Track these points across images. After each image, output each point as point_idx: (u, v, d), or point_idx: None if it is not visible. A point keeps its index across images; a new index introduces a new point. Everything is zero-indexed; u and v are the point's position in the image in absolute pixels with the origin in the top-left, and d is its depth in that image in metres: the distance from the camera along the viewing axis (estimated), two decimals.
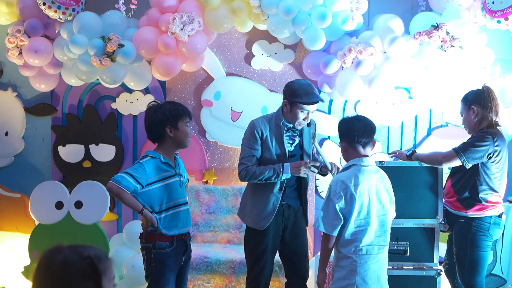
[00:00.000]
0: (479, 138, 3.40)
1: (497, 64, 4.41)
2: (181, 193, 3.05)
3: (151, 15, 4.30)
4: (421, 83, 4.35)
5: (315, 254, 4.48)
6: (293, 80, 3.36)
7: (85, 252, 1.60)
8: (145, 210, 2.91)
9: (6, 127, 4.80)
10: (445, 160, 3.46)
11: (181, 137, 3.01)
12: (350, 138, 2.91)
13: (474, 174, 3.42)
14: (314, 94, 3.21)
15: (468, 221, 3.44)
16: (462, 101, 3.54)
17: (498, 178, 3.46)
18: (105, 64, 4.14)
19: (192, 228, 4.37)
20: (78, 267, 1.57)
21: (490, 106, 3.44)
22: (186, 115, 3.03)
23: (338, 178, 2.87)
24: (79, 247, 1.62)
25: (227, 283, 4.00)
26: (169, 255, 2.97)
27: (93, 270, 1.58)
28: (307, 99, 3.18)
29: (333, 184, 2.85)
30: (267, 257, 3.32)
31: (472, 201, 3.43)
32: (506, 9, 3.84)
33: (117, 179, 2.85)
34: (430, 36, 4.04)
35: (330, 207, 2.83)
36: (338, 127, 3.00)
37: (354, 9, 4.10)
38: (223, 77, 4.69)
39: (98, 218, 4.38)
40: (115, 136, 4.74)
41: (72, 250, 1.60)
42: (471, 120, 3.48)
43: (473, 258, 3.42)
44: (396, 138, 4.66)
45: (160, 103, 3.07)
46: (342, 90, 4.30)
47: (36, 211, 4.43)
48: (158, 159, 2.97)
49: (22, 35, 4.31)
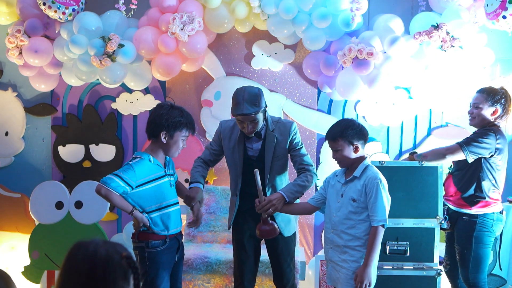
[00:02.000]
0: (483, 134, 3.43)
1: (497, 64, 4.42)
2: (171, 193, 3.04)
3: (151, 15, 4.30)
4: (421, 83, 4.35)
5: (315, 254, 4.48)
6: (241, 87, 3.16)
7: (122, 251, 1.58)
8: (135, 211, 2.91)
9: (6, 127, 4.80)
10: (448, 153, 3.48)
11: (171, 147, 3.00)
12: (365, 138, 2.96)
13: (478, 170, 3.45)
14: (239, 106, 3.02)
15: (472, 218, 3.47)
16: (486, 95, 3.50)
17: (499, 174, 3.50)
18: (105, 64, 4.14)
19: (192, 228, 4.37)
20: (121, 266, 1.55)
21: (508, 109, 3.51)
22: (188, 129, 3.00)
23: (378, 174, 2.90)
24: (115, 245, 1.59)
25: (227, 283, 4.00)
26: (162, 253, 2.97)
27: (134, 271, 1.57)
28: (233, 110, 3.07)
29: (380, 178, 2.87)
30: (245, 255, 3.32)
31: (476, 198, 3.46)
32: (495, 10, 3.87)
33: (105, 181, 2.85)
34: (430, 36, 4.05)
35: (387, 200, 2.87)
36: (352, 128, 2.92)
37: (354, 9, 4.10)
38: (223, 77, 4.69)
39: (98, 218, 4.39)
40: (115, 136, 4.74)
41: (111, 247, 1.57)
42: (488, 117, 3.48)
43: (477, 255, 3.45)
44: (396, 138, 4.66)
45: (171, 106, 3.02)
46: (342, 90, 4.30)
47: (36, 211, 4.43)
48: (147, 160, 2.97)
49: (22, 35, 4.31)
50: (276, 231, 3.08)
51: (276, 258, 3.32)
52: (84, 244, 1.56)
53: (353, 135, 2.91)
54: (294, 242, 3.37)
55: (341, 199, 2.95)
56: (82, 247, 1.56)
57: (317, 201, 3.14)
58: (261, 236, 3.12)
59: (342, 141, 2.91)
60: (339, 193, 2.97)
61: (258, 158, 3.21)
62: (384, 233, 2.87)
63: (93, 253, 1.54)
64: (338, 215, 2.94)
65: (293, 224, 3.34)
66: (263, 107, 3.08)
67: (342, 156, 2.94)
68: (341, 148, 2.93)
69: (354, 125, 2.94)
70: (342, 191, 2.96)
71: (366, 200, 2.87)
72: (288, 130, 3.21)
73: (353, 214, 2.89)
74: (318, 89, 4.62)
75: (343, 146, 2.92)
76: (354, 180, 2.93)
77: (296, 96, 4.64)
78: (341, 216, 2.93)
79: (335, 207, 2.97)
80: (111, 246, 1.57)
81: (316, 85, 4.59)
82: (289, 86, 4.67)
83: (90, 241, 1.57)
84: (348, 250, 2.90)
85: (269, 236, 3.10)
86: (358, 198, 2.89)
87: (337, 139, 2.92)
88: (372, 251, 2.82)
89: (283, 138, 3.20)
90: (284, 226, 3.26)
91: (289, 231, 3.30)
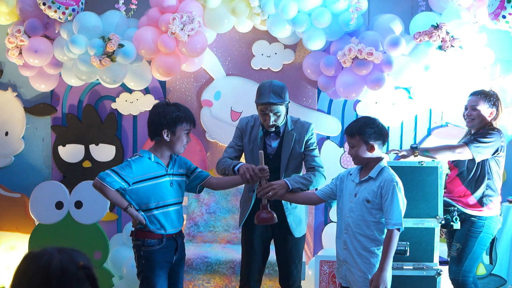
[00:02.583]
0: (488, 133, 3.50)
1: (497, 64, 4.42)
2: (171, 193, 3.01)
3: (151, 15, 4.30)
4: (421, 83, 4.36)
5: (315, 254, 4.48)
6: (267, 80, 3.29)
7: (79, 260, 1.47)
8: (130, 208, 2.91)
9: (6, 127, 4.80)
10: (458, 151, 3.51)
11: (175, 143, 2.98)
12: (384, 139, 2.92)
13: (486, 170, 3.53)
14: (264, 94, 3.10)
15: (480, 220, 3.54)
16: (483, 97, 3.58)
17: (500, 174, 3.60)
18: (105, 64, 4.14)
19: (192, 228, 4.37)
20: (77, 278, 1.44)
21: (500, 111, 3.61)
22: (188, 122, 2.99)
23: (395, 176, 2.87)
24: (70, 253, 1.48)
25: (227, 283, 4.00)
26: (158, 252, 2.96)
27: (91, 282, 1.46)
28: (258, 99, 3.15)
29: (397, 181, 2.83)
30: (253, 254, 3.31)
31: (486, 200, 3.54)
32: (495, 10, 3.87)
33: (101, 175, 2.87)
34: (430, 36, 4.05)
35: (402, 204, 2.83)
36: (370, 127, 2.88)
37: (354, 9, 4.10)
38: (223, 77, 4.69)
39: (98, 218, 4.39)
40: (115, 136, 4.74)
41: (66, 257, 1.45)
42: (486, 118, 3.57)
43: (475, 254, 3.54)
44: (396, 138, 4.66)
45: (166, 103, 3.02)
46: (342, 90, 4.30)
47: (36, 211, 4.44)
48: (148, 158, 2.97)
49: (22, 35, 4.31)
50: (274, 220, 3.04)
51: (284, 258, 3.31)
52: (36, 255, 1.45)
53: (370, 134, 2.86)
54: (303, 244, 3.37)
55: (354, 199, 2.91)
56: (34, 258, 1.45)
57: (325, 194, 3.09)
58: (258, 223, 3.07)
59: (359, 138, 2.88)
60: (353, 192, 2.92)
61: (274, 156, 3.24)
62: None
63: (46, 265, 1.42)
64: (352, 215, 2.89)
65: (303, 226, 3.33)
66: (287, 101, 3.18)
67: (357, 153, 2.91)
68: (357, 145, 2.89)
69: (373, 124, 2.90)
70: (356, 191, 2.91)
71: (381, 202, 2.83)
72: (306, 130, 3.27)
73: (368, 215, 2.85)
74: (318, 89, 4.62)
75: (358, 143, 2.88)
76: (370, 181, 2.88)
77: (296, 96, 4.64)
78: (354, 217, 2.88)
79: (348, 207, 2.93)
80: (67, 255, 1.46)
81: (316, 85, 4.59)
82: (289, 86, 4.66)
83: (43, 251, 1.46)
84: (363, 253, 2.86)
85: (266, 223, 3.05)
86: (372, 199, 2.84)
87: (354, 135, 2.89)
88: (388, 255, 2.78)
89: (301, 138, 3.25)
90: (295, 227, 3.26)
91: (300, 232, 3.29)
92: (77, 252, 1.49)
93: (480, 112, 3.55)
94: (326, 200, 3.12)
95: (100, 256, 4.32)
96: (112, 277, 4.39)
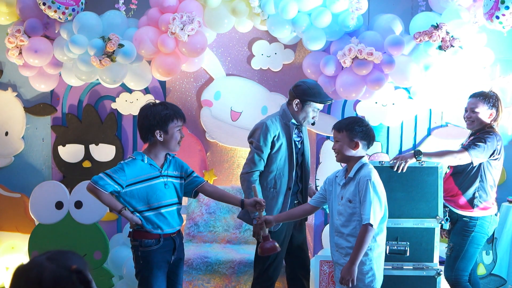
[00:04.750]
0: (485, 137, 3.49)
1: (497, 64, 4.42)
2: (166, 194, 3.00)
3: (151, 15, 4.30)
4: (421, 83, 4.35)
5: (315, 254, 4.48)
6: (304, 80, 3.56)
7: (70, 263, 1.42)
8: (124, 210, 2.92)
9: (6, 127, 4.80)
10: (458, 157, 3.51)
11: (169, 142, 2.98)
12: (370, 140, 2.97)
13: (479, 172, 3.53)
14: (326, 94, 3.52)
15: (472, 219, 3.54)
16: (482, 98, 3.57)
17: (496, 175, 3.60)
18: (105, 64, 4.14)
19: (192, 228, 4.37)
20: (71, 283, 1.40)
21: (500, 112, 3.61)
22: (177, 118, 2.98)
23: (371, 173, 2.88)
24: (61, 258, 1.43)
25: (227, 283, 4.00)
26: (155, 252, 2.96)
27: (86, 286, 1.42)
28: (321, 98, 3.42)
29: (370, 177, 2.85)
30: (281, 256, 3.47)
31: (477, 201, 3.53)
32: (490, 10, 3.88)
33: (95, 179, 2.90)
34: (430, 36, 4.04)
35: (377, 200, 2.85)
36: (359, 125, 2.95)
37: (354, 9, 4.10)
38: (223, 77, 4.69)
39: (98, 218, 4.38)
40: (115, 136, 4.74)
41: (57, 264, 1.40)
42: (486, 119, 3.57)
43: (469, 253, 3.54)
44: (396, 138, 4.66)
45: (152, 104, 3.00)
46: (342, 90, 4.30)
47: (36, 211, 4.43)
48: (141, 160, 2.97)
49: (22, 35, 4.31)
50: (277, 248, 3.12)
51: (302, 245, 3.57)
52: (26, 268, 1.39)
53: (358, 132, 2.92)
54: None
55: (341, 202, 2.95)
56: (25, 271, 1.39)
57: (317, 201, 3.15)
58: (263, 253, 3.14)
59: (346, 134, 2.93)
60: (339, 195, 2.97)
61: (298, 151, 3.50)
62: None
63: (38, 277, 1.38)
64: (341, 218, 2.95)
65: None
66: None
67: (341, 148, 2.96)
68: (342, 141, 2.95)
69: (362, 124, 2.97)
70: (342, 193, 2.96)
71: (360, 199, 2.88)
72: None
73: (352, 215, 2.90)
74: None
75: (344, 139, 2.94)
76: (350, 182, 2.93)
77: None
78: (342, 219, 2.94)
79: (337, 210, 2.98)
80: (58, 261, 1.41)
81: None
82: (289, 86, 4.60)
83: (32, 263, 1.39)
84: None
85: (270, 253, 3.14)
86: (353, 198, 2.89)
87: (342, 130, 2.95)
88: (359, 249, 2.82)
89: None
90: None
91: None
92: (68, 254, 1.45)
93: (478, 115, 3.56)
94: (320, 207, 3.19)
95: (100, 256, 4.32)
96: (112, 277, 4.39)
